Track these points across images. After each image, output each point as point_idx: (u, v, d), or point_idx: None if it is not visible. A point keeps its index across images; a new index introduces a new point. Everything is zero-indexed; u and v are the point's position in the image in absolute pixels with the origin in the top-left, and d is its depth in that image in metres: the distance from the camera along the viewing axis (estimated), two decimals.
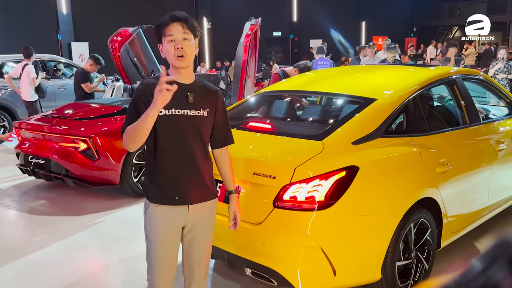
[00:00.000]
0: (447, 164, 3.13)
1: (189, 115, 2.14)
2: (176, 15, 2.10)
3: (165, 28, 2.08)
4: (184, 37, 2.08)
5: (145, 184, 2.26)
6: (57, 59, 10.29)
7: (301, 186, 2.52)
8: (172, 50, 2.07)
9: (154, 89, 1.94)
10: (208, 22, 21.29)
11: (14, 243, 4.25)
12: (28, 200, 5.43)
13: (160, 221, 2.19)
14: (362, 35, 27.42)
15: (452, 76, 3.72)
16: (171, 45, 2.07)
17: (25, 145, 5.52)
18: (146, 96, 2.06)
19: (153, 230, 2.21)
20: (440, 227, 3.17)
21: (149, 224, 2.22)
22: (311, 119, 3.56)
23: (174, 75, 2.13)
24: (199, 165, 2.19)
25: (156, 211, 2.19)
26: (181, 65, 2.11)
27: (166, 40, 2.08)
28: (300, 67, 6.17)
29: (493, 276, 0.49)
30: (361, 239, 2.66)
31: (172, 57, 2.09)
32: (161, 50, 2.15)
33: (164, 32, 2.09)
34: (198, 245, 2.30)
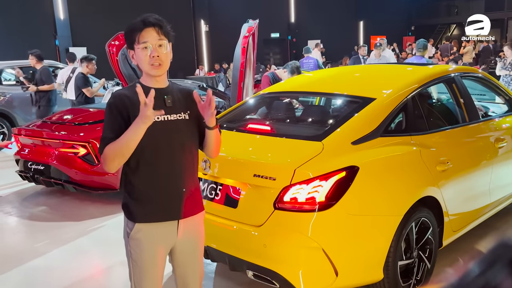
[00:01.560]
0: (447, 163, 3.12)
1: (170, 120, 1.98)
2: (149, 19, 1.95)
3: (137, 34, 1.93)
4: (159, 43, 1.94)
5: (125, 203, 2.03)
6: (55, 64, 10.29)
7: (301, 187, 2.52)
8: (147, 58, 1.93)
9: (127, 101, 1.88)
10: (206, 24, 21.31)
11: (15, 250, 4.23)
12: (29, 206, 5.42)
13: (149, 243, 2.00)
14: (360, 34, 27.44)
15: (450, 74, 3.71)
16: (145, 52, 1.93)
17: (25, 151, 5.51)
18: (120, 110, 1.92)
19: (141, 253, 2.01)
20: (442, 225, 3.16)
21: (134, 248, 2.01)
22: (310, 119, 3.56)
23: (149, 83, 2.00)
24: (186, 174, 2.03)
25: (142, 232, 1.99)
26: (157, 74, 1.97)
27: (139, 47, 1.93)
28: (289, 67, 6.19)
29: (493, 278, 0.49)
30: (362, 239, 2.65)
31: (147, 66, 1.95)
32: (132, 57, 2.00)
33: (137, 39, 1.93)
34: (192, 263, 2.16)
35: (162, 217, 2.00)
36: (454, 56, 13.88)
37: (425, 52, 7.02)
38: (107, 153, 1.87)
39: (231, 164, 2.88)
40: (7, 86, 9.14)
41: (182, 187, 2.02)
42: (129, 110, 1.92)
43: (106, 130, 1.93)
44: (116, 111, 1.93)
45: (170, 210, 2.01)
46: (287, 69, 6.18)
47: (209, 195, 2.94)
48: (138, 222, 1.99)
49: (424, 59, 6.90)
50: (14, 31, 15.24)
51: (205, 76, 16.65)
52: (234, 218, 2.77)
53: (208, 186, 2.97)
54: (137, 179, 1.98)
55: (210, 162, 2.89)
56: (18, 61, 9.62)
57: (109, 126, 1.93)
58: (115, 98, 1.96)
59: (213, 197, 2.92)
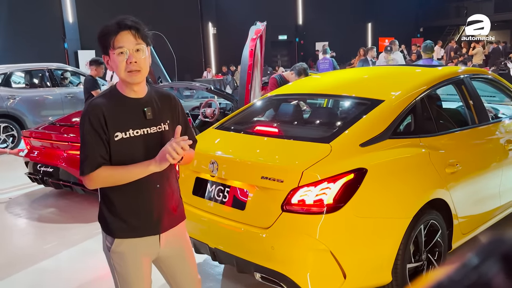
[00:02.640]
0: (456, 165, 3.09)
1: (149, 134, 1.86)
2: (125, 22, 1.78)
3: (112, 38, 1.76)
4: (137, 48, 1.78)
5: (103, 217, 1.93)
6: (64, 67, 10.37)
7: (309, 189, 2.51)
8: (124, 64, 1.77)
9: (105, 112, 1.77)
10: (213, 27, 21.38)
11: (25, 251, 4.27)
12: (38, 208, 5.46)
13: (131, 256, 1.91)
14: (368, 36, 27.36)
15: (460, 75, 3.69)
16: (121, 58, 1.77)
17: (34, 153, 5.56)
18: (98, 120, 1.79)
19: (126, 266, 1.92)
20: (451, 228, 3.13)
21: (117, 261, 1.92)
22: (318, 121, 3.55)
23: (126, 92, 1.86)
24: (166, 189, 1.95)
25: (123, 246, 1.90)
26: (135, 81, 1.81)
27: (114, 52, 1.77)
28: (296, 69, 6.18)
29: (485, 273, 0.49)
30: (370, 242, 2.64)
31: (124, 73, 1.78)
32: (107, 63, 1.84)
33: (111, 43, 1.77)
34: (182, 270, 2.11)
35: (143, 232, 1.92)
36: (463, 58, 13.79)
37: (432, 54, 6.96)
38: (102, 176, 1.79)
39: (238, 166, 2.88)
40: (17, 89, 9.23)
41: (163, 202, 1.94)
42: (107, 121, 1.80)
43: (91, 146, 1.79)
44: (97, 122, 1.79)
45: (151, 225, 1.92)
46: (294, 71, 6.18)
47: (217, 197, 2.94)
48: (118, 238, 1.90)
49: (434, 61, 6.81)
50: (24, 34, 15.40)
51: (213, 79, 16.69)
52: (241, 220, 2.76)
53: (215, 188, 2.97)
54: (116, 194, 1.88)
55: (218, 164, 2.89)
56: (27, 64, 9.72)
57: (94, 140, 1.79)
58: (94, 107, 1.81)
59: (220, 199, 2.92)
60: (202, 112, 6.12)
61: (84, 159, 1.80)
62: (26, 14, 15.59)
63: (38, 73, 9.75)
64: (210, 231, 2.97)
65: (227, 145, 3.18)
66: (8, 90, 8.81)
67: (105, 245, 1.97)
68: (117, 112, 1.82)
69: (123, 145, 1.82)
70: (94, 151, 1.79)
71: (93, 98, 1.88)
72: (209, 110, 6.10)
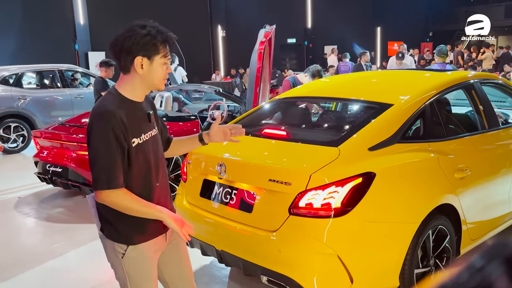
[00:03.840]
0: (465, 170, 3.07)
1: (153, 136, 1.94)
2: (172, 36, 1.88)
3: (165, 47, 1.85)
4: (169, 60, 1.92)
5: (112, 226, 1.90)
6: (74, 68, 10.46)
7: (317, 193, 2.50)
8: (164, 73, 1.87)
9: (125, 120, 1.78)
10: (223, 30, 21.44)
11: (33, 250, 4.30)
12: (46, 208, 5.50)
13: (144, 259, 1.94)
14: (378, 40, 27.26)
15: (469, 80, 3.66)
16: (163, 67, 1.86)
17: (43, 153, 5.60)
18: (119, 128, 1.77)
19: (138, 271, 1.94)
20: (459, 234, 3.10)
21: (131, 267, 1.92)
22: (326, 125, 3.54)
23: (134, 95, 1.88)
24: (167, 185, 2.06)
25: (137, 250, 1.91)
26: (162, 89, 1.97)
27: (160, 60, 1.84)
28: (310, 71, 6.19)
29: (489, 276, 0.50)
30: (378, 247, 2.62)
31: (160, 80, 1.87)
32: (142, 66, 1.81)
33: (162, 51, 1.83)
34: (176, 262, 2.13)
35: (157, 232, 1.97)
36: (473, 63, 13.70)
37: (446, 58, 6.91)
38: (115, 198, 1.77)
39: (246, 169, 2.88)
40: (28, 89, 9.31)
41: (166, 199, 2.04)
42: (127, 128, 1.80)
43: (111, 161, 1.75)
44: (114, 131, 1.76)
45: (160, 224, 1.94)
46: (308, 73, 6.20)
47: (224, 199, 2.94)
48: (133, 244, 1.90)
49: (448, 66, 6.75)
50: (35, 35, 15.55)
51: (221, 81, 16.72)
52: (248, 222, 2.76)
53: (223, 190, 2.97)
54: None
55: (225, 166, 2.89)
56: (38, 65, 9.81)
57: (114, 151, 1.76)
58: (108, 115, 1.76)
59: (228, 201, 2.92)
60: (211, 114, 6.13)
61: (101, 172, 1.76)
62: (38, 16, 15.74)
63: (48, 74, 9.84)
64: (217, 233, 2.97)
65: (235, 148, 3.18)
66: (19, 90, 8.90)
67: (113, 253, 1.93)
68: (131, 118, 1.84)
69: (139, 150, 1.85)
70: (117, 166, 1.76)
71: (100, 103, 1.85)
72: (217, 113, 6.11)
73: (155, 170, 1.94)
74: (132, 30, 1.82)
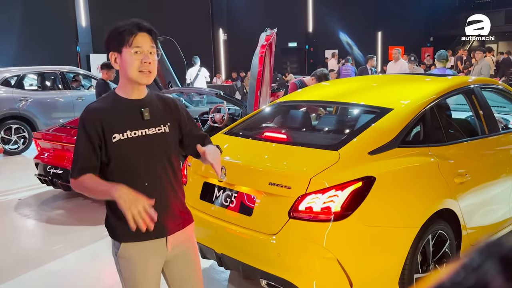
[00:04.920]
0: (465, 175, 3.07)
1: (148, 135, 1.87)
2: (144, 24, 1.85)
3: (131, 37, 1.80)
4: (151, 50, 1.84)
5: (109, 222, 1.94)
6: (76, 70, 10.48)
7: (316, 196, 2.50)
8: (137, 63, 1.81)
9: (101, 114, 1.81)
10: (224, 33, 21.49)
11: (32, 252, 4.30)
12: (46, 210, 5.50)
13: (139, 260, 1.90)
14: (378, 45, 27.31)
15: (470, 85, 3.67)
16: (135, 57, 1.80)
17: (44, 155, 5.61)
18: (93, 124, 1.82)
19: (132, 272, 1.91)
20: (459, 239, 3.10)
21: (124, 266, 1.91)
22: (326, 129, 3.55)
23: (127, 93, 1.88)
24: (170, 190, 1.94)
25: (130, 250, 1.89)
26: (144, 82, 1.85)
27: (129, 51, 1.80)
28: (317, 75, 6.22)
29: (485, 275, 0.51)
30: (378, 251, 2.62)
31: (136, 72, 1.81)
32: (115, 60, 1.85)
33: (128, 42, 1.80)
34: (189, 277, 2.06)
35: (148, 235, 1.86)
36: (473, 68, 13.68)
37: (446, 63, 6.92)
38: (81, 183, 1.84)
39: (246, 172, 2.89)
40: (29, 91, 9.33)
41: (166, 204, 1.93)
42: (103, 124, 1.82)
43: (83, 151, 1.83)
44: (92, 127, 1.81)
45: (157, 228, 1.83)
46: (315, 77, 6.24)
47: (224, 203, 2.95)
48: (124, 242, 1.90)
49: (448, 71, 6.77)
50: (37, 37, 15.60)
51: (223, 84, 16.75)
52: (248, 226, 2.76)
53: (223, 194, 2.98)
54: None
55: (225, 169, 2.90)
56: (40, 67, 9.84)
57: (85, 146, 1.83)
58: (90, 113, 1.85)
59: (227, 204, 2.92)
60: (211, 117, 6.14)
61: (74, 163, 1.87)
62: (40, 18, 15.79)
63: (50, 76, 9.86)
64: (217, 237, 2.98)
65: (235, 151, 3.19)
66: (20, 92, 8.91)
67: (113, 250, 1.96)
68: (114, 114, 1.85)
69: (122, 146, 1.83)
70: (83, 157, 1.84)
71: (90, 103, 1.93)
72: (218, 116, 6.12)
73: (145, 168, 1.87)
74: None
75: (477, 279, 0.50)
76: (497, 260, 0.51)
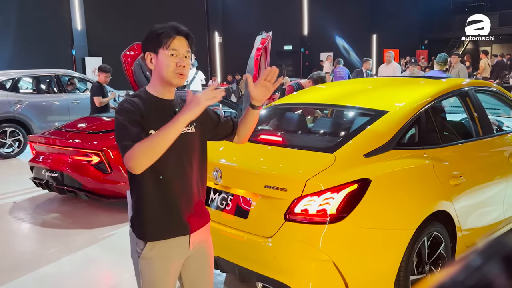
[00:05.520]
0: (460, 177, 3.09)
1: (181, 134, 1.89)
2: (182, 28, 1.92)
3: (168, 39, 1.87)
4: (186, 54, 1.91)
5: (136, 222, 1.97)
6: (71, 73, 10.45)
7: (312, 199, 2.51)
8: (173, 65, 1.87)
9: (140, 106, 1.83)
10: (220, 36, 21.52)
11: (27, 256, 4.27)
12: (41, 213, 5.47)
13: (161, 261, 1.94)
14: (373, 48, 27.43)
15: (464, 88, 3.69)
16: (171, 59, 1.87)
17: (39, 158, 5.59)
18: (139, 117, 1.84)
19: (152, 274, 1.95)
20: (454, 240, 3.12)
21: (145, 267, 1.95)
22: (322, 131, 3.56)
23: (160, 93, 1.93)
24: (196, 188, 2.00)
25: (154, 251, 1.93)
26: (179, 84, 1.93)
27: (166, 53, 1.87)
28: (313, 77, 6.23)
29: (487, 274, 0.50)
30: (373, 253, 2.63)
31: (171, 73, 1.87)
32: (151, 61, 1.91)
33: (166, 44, 1.87)
34: (202, 278, 2.11)
35: (175, 233, 1.95)
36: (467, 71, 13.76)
37: (444, 66, 6.94)
38: (136, 149, 1.73)
39: (242, 175, 2.89)
40: (24, 94, 9.30)
41: (193, 202, 1.99)
42: (143, 117, 1.85)
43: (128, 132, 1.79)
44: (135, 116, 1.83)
45: (182, 225, 1.95)
46: (312, 79, 6.25)
47: (220, 205, 2.94)
48: (150, 241, 1.93)
49: (445, 74, 6.78)
50: (32, 40, 15.57)
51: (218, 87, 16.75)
52: (244, 228, 2.77)
53: (219, 196, 2.97)
54: (149, 196, 1.91)
55: (221, 172, 2.90)
56: (35, 70, 9.81)
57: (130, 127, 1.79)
58: (128, 103, 1.87)
59: (223, 207, 2.92)
60: None
61: (125, 140, 1.78)
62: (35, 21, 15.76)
63: (45, 79, 9.83)
64: (213, 239, 2.97)
65: (231, 153, 3.19)
66: (15, 95, 8.87)
67: (135, 251, 1.99)
68: (150, 111, 1.88)
69: None
70: (134, 131, 1.79)
71: (127, 98, 1.92)
72: None
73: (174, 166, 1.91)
74: None
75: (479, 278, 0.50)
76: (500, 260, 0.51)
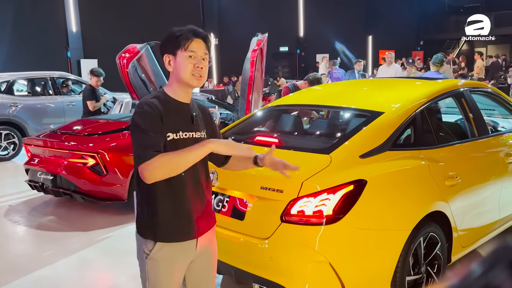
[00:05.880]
0: (456, 177, 3.10)
1: (195, 138, 1.94)
2: (200, 31, 1.94)
3: (187, 41, 1.88)
4: (204, 56, 1.92)
5: (145, 223, 1.95)
6: (66, 76, 10.42)
7: (308, 200, 2.51)
8: (191, 67, 1.87)
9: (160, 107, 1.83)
10: (216, 38, 21.50)
11: (23, 259, 4.25)
12: (37, 216, 5.45)
13: (168, 263, 1.94)
14: (369, 49, 27.50)
15: (459, 88, 3.71)
16: (189, 61, 1.87)
17: (34, 161, 5.56)
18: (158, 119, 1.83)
19: (158, 275, 1.95)
20: (450, 241, 3.12)
21: (152, 268, 1.94)
22: (318, 132, 3.56)
23: (177, 95, 1.93)
24: (205, 192, 2.02)
25: (162, 252, 1.93)
26: (197, 85, 1.93)
27: (184, 54, 1.87)
28: (309, 79, 6.24)
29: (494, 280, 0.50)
30: (370, 254, 2.63)
31: (189, 75, 1.88)
32: (169, 63, 1.92)
33: (184, 46, 1.88)
34: (206, 281, 2.12)
35: (185, 236, 1.95)
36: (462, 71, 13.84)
37: (440, 67, 6.96)
38: (157, 161, 1.74)
39: (238, 176, 2.88)
40: (19, 97, 9.26)
41: (202, 205, 2.00)
42: (162, 120, 1.84)
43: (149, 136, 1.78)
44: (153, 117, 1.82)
45: (192, 228, 1.95)
46: (308, 81, 6.25)
47: (216, 207, 2.94)
48: (161, 241, 1.92)
49: (441, 75, 6.78)
50: (27, 42, 15.50)
51: (214, 89, 16.75)
52: (240, 230, 2.76)
53: (215, 198, 2.97)
54: (162, 198, 1.89)
55: (217, 174, 2.89)
56: (30, 72, 9.77)
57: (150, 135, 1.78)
58: (148, 105, 1.84)
59: (220, 209, 2.92)
60: None
61: (144, 148, 1.77)
62: (30, 23, 15.70)
63: (40, 81, 9.80)
64: None
65: None
66: (10, 98, 8.83)
67: (143, 252, 1.96)
68: (169, 113, 1.88)
69: (174, 145, 1.86)
70: (155, 139, 1.79)
71: (145, 98, 1.91)
72: None
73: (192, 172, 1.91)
74: None
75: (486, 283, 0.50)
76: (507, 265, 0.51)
